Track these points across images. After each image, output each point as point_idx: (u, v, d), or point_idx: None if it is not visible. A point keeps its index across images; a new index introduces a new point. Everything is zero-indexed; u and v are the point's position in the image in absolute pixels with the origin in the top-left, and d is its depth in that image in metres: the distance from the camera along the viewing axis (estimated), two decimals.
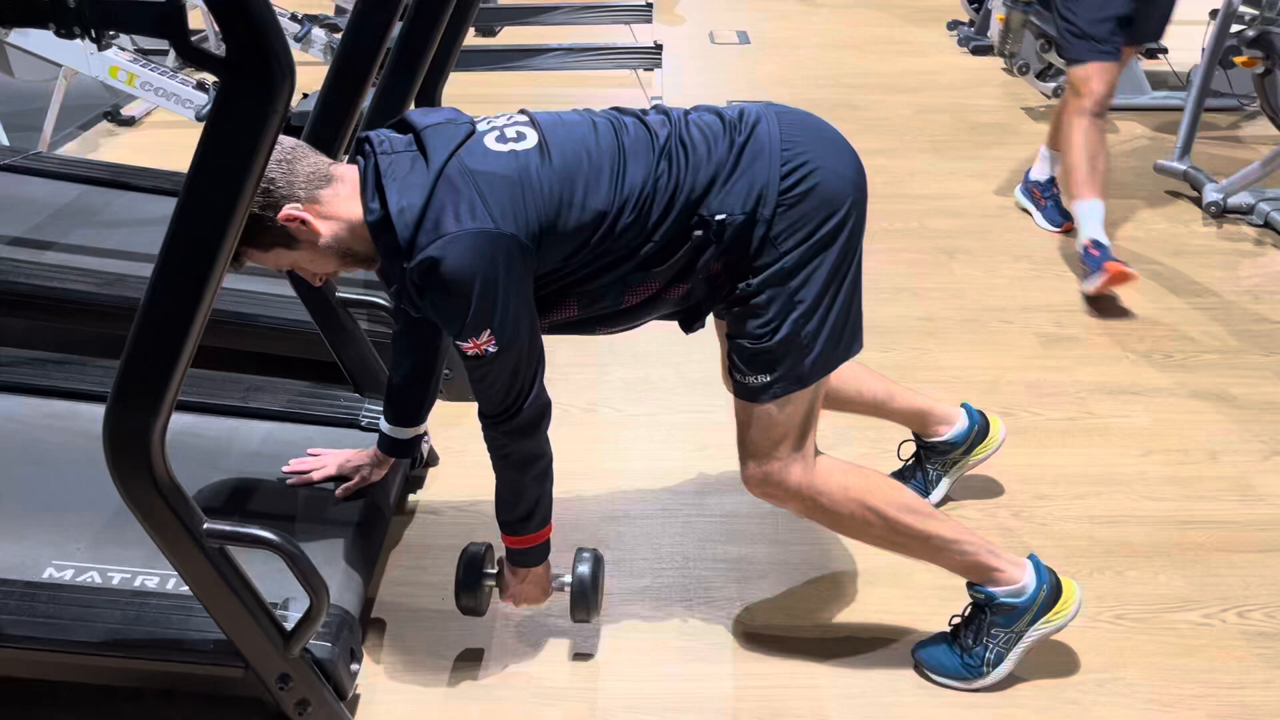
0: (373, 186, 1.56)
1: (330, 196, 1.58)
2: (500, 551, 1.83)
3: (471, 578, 1.82)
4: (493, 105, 1.77)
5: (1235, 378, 2.76)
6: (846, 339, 1.69)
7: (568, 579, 1.82)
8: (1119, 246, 3.53)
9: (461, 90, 4.43)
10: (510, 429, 1.65)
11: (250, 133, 1.22)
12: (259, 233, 1.55)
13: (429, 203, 1.52)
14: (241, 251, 1.58)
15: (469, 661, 1.88)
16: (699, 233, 1.59)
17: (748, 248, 1.60)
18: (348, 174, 1.61)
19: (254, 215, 1.51)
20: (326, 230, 1.58)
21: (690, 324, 1.76)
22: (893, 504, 1.74)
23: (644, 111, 1.68)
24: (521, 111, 1.67)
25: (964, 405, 2.18)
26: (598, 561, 1.83)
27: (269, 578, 1.62)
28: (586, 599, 1.80)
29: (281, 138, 1.57)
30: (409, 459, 2.14)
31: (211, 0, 1.14)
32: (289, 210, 1.54)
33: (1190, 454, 2.45)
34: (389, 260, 1.58)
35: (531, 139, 1.60)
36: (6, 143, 3.98)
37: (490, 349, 1.56)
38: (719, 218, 1.58)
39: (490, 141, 1.59)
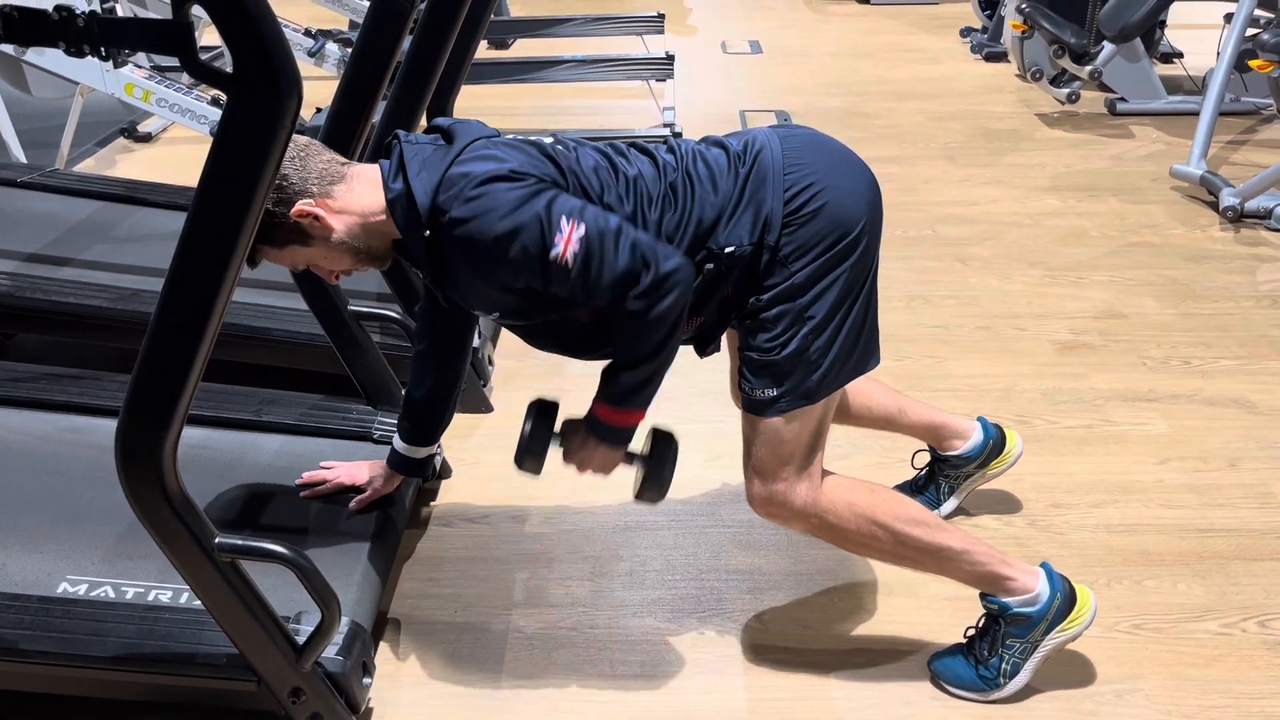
0: (396, 170, 1.58)
1: (344, 192, 1.59)
2: (565, 415, 1.74)
3: (540, 437, 1.69)
4: (506, 117, 1.79)
5: (1254, 384, 2.73)
6: (858, 356, 1.68)
7: (641, 453, 1.70)
8: (1135, 253, 3.51)
9: (474, 103, 4.45)
10: (648, 299, 1.52)
11: (258, 147, 1.22)
12: (273, 230, 1.56)
13: (451, 168, 1.53)
14: (256, 249, 1.59)
15: (482, 674, 1.88)
16: (710, 266, 1.60)
17: (757, 270, 1.61)
18: (363, 170, 1.63)
19: (267, 212, 1.52)
20: (340, 225, 1.59)
21: (704, 347, 1.77)
22: (899, 518, 1.72)
23: (655, 147, 1.68)
24: (549, 136, 1.70)
25: (979, 419, 2.16)
26: (676, 445, 1.70)
27: (281, 591, 1.62)
28: (660, 478, 1.68)
29: (294, 136, 1.58)
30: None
31: (218, 16, 1.15)
32: (302, 206, 1.55)
33: (1209, 461, 2.42)
34: (410, 233, 1.57)
35: (560, 148, 1.63)
36: (24, 160, 4.02)
37: (579, 235, 1.49)
38: (728, 250, 1.59)
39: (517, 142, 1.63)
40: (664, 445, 1.70)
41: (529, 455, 1.71)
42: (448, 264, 1.58)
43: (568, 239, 1.49)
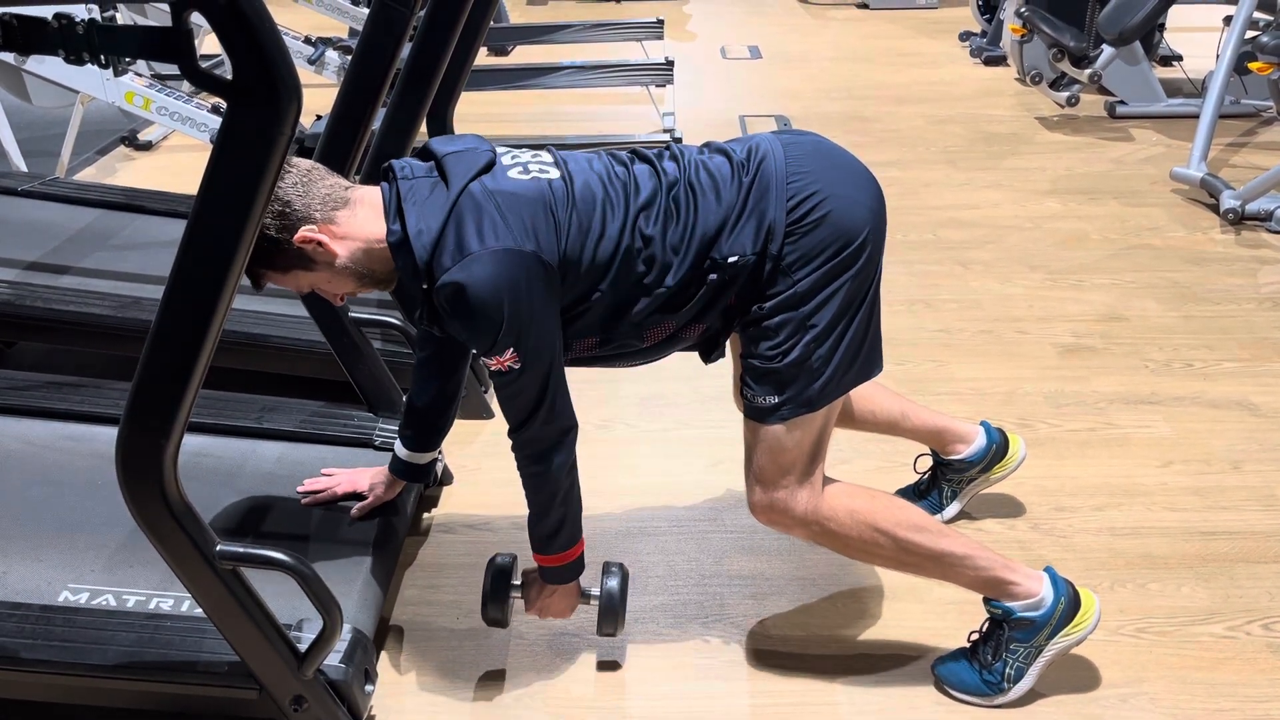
0: (394, 211, 1.58)
1: (347, 218, 1.59)
2: (526, 562, 1.83)
3: (499, 590, 1.81)
4: (506, 124, 1.79)
5: (1256, 386, 2.73)
6: (860, 364, 1.68)
7: (595, 592, 1.82)
8: (1136, 256, 3.51)
9: (474, 110, 4.46)
10: (533, 448, 1.67)
11: (257, 156, 1.22)
12: (276, 255, 1.56)
13: (447, 223, 1.53)
14: (261, 274, 1.59)
15: (485, 681, 1.87)
16: (714, 276, 1.60)
17: (760, 279, 1.61)
18: (367, 195, 1.62)
19: (271, 238, 1.53)
20: (343, 251, 1.59)
21: (709, 353, 1.77)
22: (901, 524, 1.71)
23: (658, 155, 1.68)
24: (546, 149, 1.69)
25: (983, 424, 2.16)
26: (624, 576, 1.83)
27: (283, 598, 1.62)
28: (614, 613, 1.80)
29: (298, 160, 1.59)
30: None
31: (218, 24, 1.14)
32: (304, 232, 1.55)
33: (1211, 464, 2.42)
34: (409, 280, 1.59)
35: (554, 173, 1.62)
36: (25, 168, 4.03)
37: (514, 365, 1.57)
38: (731, 260, 1.59)
39: (514, 172, 1.61)
40: (613, 580, 1.81)
41: (492, 607, 1.82)
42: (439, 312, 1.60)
43: (502, 361, 1.57)
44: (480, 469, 2.45)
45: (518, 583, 1.84)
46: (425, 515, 2.30)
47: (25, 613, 1.70)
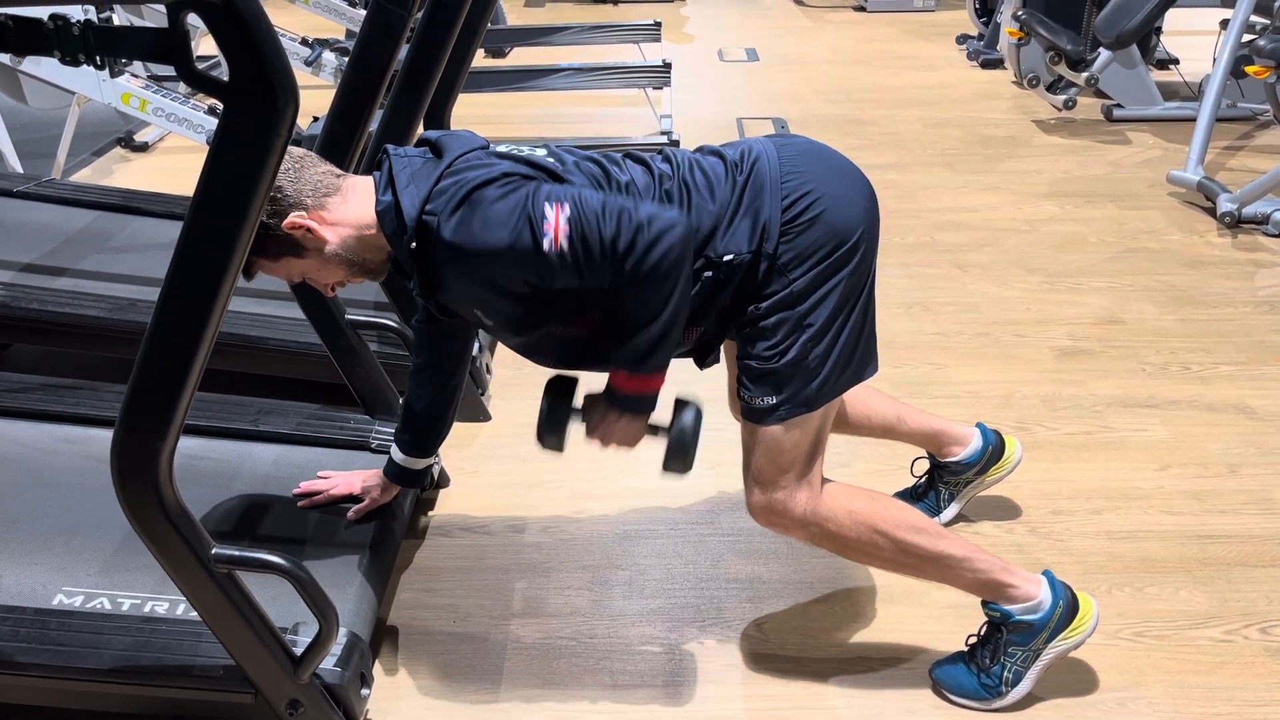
0: (386, 184, 1.58)
1: (338, 204, 1.59)
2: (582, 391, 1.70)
3: (559, 413, 1.64)
4: (503, 125, 1.78)
5: (1253, 389, 2.73)
6: (857, 363, 1.68)
7: (665, 426, 1.66)
8: (1134, 259, 3.51)
9: (471, 111, 4.46)
10: (651, 244, 1.48)
11: (254, 156, 1.22)
12: (266, 242, 1.56)
13: (441, 179, 1.53)
14: (252, 262, 1.59)
15: (480, 684, 1.87)
16: (709, 274, 1.60)
17: (756, 278, 1.61)
18: (358, 182, 1.63)
19: (261, 224, 1.52)
20: (334, 237, 1.59)
21: (704, 358, 1.76)
22: (900, 526, 1.71)
23: (651, 157, 1.68)
24: (543, 146, 1.69)
25: (979, 425, 2.16)
26: (699, 412, 1.66)
27: (279, 601, 1.61)
28: (685, 449, 1.64)
29: (290, 148, 1.57)
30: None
31: (214, 26, 1.14)
32: (294, 219, 1.55)
33: (1209, 467, 2.42)
34: (396, 245, 1.57)
35: (551, 160, 1.62)
36: (20, 169, 4.02)
37: (565, 216, 1.47)
38: (726, 259, 1.59)
39: (510, 150, 1.62)
40: (687, 414, 1.65)
41: (549, 432, 1.65)
42: (438, 274, 1.57)
43: (555, 226, 1.47)
44: (477, 472, 2.45)
45: (578, 407, 1.67)
46: (422, 518, 2.29)
47: (20, 616, 1.69)
